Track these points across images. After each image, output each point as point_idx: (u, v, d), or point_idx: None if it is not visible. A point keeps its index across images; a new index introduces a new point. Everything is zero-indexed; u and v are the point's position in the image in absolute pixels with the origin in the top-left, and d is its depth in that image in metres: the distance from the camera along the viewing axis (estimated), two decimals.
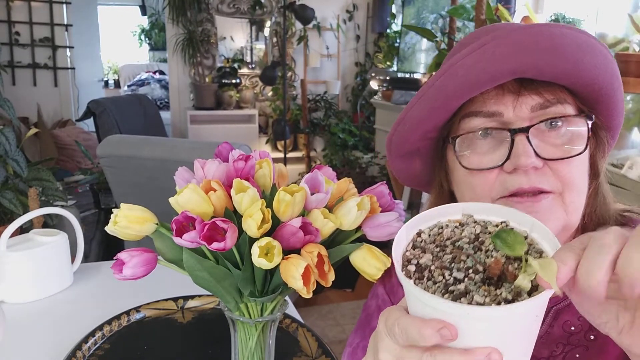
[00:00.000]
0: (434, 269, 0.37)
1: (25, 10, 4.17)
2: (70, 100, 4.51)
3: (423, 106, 0.56)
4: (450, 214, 0.42)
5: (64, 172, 3.39)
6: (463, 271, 0.37)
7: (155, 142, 1.83)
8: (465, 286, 0.35)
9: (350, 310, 2.72)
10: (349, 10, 4.72)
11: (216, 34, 4.51)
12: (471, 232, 0.40)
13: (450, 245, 0.39)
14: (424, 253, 0.39)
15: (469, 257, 0.38)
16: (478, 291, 0.35)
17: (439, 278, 0.37)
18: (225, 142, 0.65)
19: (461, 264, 0.37)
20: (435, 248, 0.39)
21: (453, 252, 0.38)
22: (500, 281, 0.36)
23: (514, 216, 0.41)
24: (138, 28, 8.33)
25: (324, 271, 0.55)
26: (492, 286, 0.36)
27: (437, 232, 0.41)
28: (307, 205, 0.56)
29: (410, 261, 0.39)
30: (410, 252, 0.40)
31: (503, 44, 0.50)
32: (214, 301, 1.03)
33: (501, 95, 0.54)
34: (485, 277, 0.36)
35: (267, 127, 4.72)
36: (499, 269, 0.36)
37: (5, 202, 1.69)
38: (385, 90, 3.80)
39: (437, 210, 0.42)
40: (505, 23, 0.59)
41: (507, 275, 0.36)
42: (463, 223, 0.42)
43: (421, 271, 0.38)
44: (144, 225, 0.58)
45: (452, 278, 0.36)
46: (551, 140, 0.54)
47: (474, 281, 0.36)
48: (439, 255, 0.39)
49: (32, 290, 1.07)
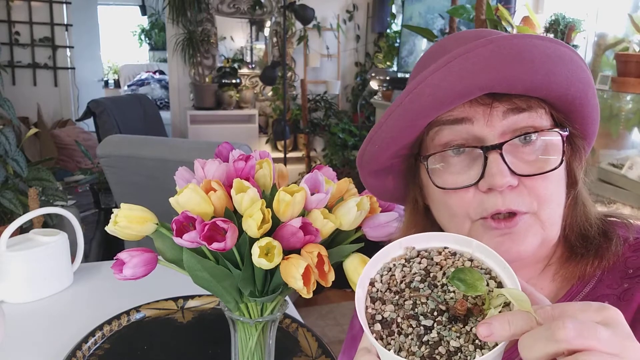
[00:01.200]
0: (401, 322, 0.37)
1: (25, 10, 4.17)
2: (70, 100, 4.51)
3: (392, 125, 0.54)
4: (392, 252, 0.42)
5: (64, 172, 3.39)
6: (429, 315, 0.37)
7: (155, 142, 1.83)
8: (438, 332, 0.36)
9: (350, 310, 2.71)
10: (349, 10, 4.71)
11: (216, 34, 4.51)
12: (420, 268, 0.40)
13: (405, 288, 0.39)
14: (384, 305, 0.39)
15: (429, 298, 0.38)
16: (451, 334, 0.35)
17: (408, 330, 0.37)
18: (226, 142, 0.65)
19: (424, 307, 0.38)
20: (394, 296, 0.39)
21: (412, 297, 0.38)
22: (467, 316, 0.37)
23: (453, 238, 0.41)
24: (138, 28, 8.33)
25: (324, 271, 0.55)
26: (460, 323, 0.36)
27: (388, 277, 0.40)
28: (307, 205, 0.56)
29: (375, 317, 0.38)
30: (371, 307, 0.39)
31: (470, 59, 0.48)
32: (214, 301, 1.03)
33: (469, 107, 0.52)
34: (451, 317, 0.37)
35: (267, 127, 4.72)
36: (464, 309, 0.36)
37: (5, 202, 1.69)
38: (385, 90, 3.80)
39: (379, 254, 0.42)
40: (471, 33, 0.57)
41: (472, 311, 0.37)
42: (407, 259, 0.41)
43: (389, 326, 0.37)
44: (144, 225, 0.58)
45: (421, 327, 0.37)
46: (525, 156, 0.52)
47: (443, 324, 0.36)
48: (399, 303, 0.38)
49: (32, 290, 1.07)
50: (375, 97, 4.15)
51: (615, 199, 1.55)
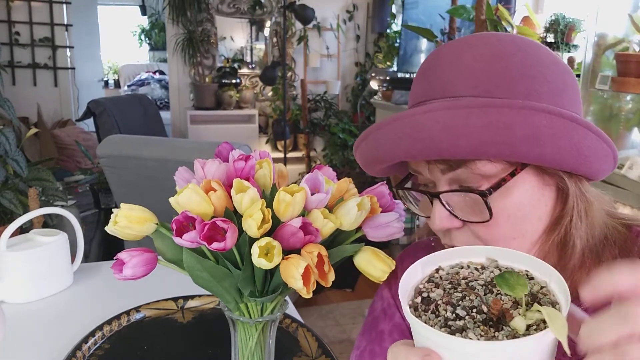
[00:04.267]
0: (441, 304, 0.38)
1: (25, 10, 4.17)
2: (70, 100, 4.51)
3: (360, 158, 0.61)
4: (474, 256, 0.43)
5: (64, 172, 3.39)
6: (467, 310, 0.37)
7: (155, 142, 1.84)
8: (465, 323, 0.36)
9: (350, 310, 2.72)
10: (349, 10, 4.71)
11: (216, 34, 4.51)
12: (488, 276, 0.41)
13: (464, 284, 0.40)
14: (437, 288, 0.40)
15: (477, 297, 0.38)
16: (475, 330, 0.35)
17: (442, 312, 0.37)
18: (225, 142, 0.65)
19: (468, 302, 0.38)
20: (448, 285, 0.40)
21: (464, 291, 0.39)
22: (501, 324, 0.36)
23: (536, 265, 0.40)
24: (138, 28, 8.32)
25: (324, 271, 0.55)
26: (492, 328, 0.36)
27: (455, 272, 0.42)
28: (307, 205, 0.56)
29: (421, 293, 0.40)
30: (423, 285, 0.41)
31: (383, 135, 0.53)
32: (214, 301, 1.03)
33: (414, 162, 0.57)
34: (487, 318, 0.36)
35: (267, 127, 4.72)
36: (497, 309, 0.36)
37: (5, 202, 1.69)
38: (385, 90, 3.80)
39: (461, 251, 0.43)
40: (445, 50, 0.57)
41: (506, 317, 0.36)
42: (485, 267, 0.42)
43: (428, 304, 0.38)
44: (144, 225, 0.58)
45: (454, 314, 0.37)
46: (465, 203, 0.54)
47: (475, 320, 0.36)
48: (449, 292, 0.39)
49: (32, 290, 1.07)
50: (375, 97, 4.14)
51: (616, 199, 1.55)
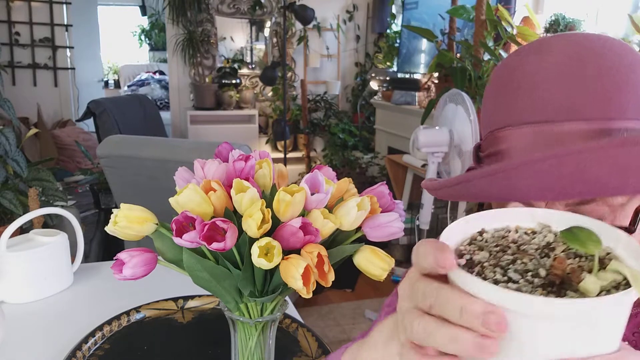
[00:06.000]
0: (487, 266, 0.32)
1: (25, 10, 4.17)
2: (70, 101, 4.51)
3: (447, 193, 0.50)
4: (522, 221, 0.37)
5: (64, 172, 3.39)
6: (520, 272, 0.31)
7: (155, 142, 1.83)
8: (518, 287, 0.30)
9: (350, 310, 2.72)
10: (349, 10, 4.72)
11: (216, 34, 4.51)
12: (542, 240, 0.35)
13: (514, 247, 0.34)
14: (480, 250, 0.34)
15: (532, 260, 0.32)
16: (533, 293, 0.29)
17: (489, 275, 0.31)
18: (225, 142, 0.65)
19: (521, 266, 0.32)
20: (495, 248, 0.34)
21: (515, 255, 0.33)
22: (564, 289, 0.30)
23: (600, 229, 0.33)
24: (138, 28, 8.32)
25: (324, 271, 0.55)
26: (552, 293, 0.29)
27: (502, 235, 0.36)
28: (307, 205, 0.56)
29: (463, 256, 0.34)
30: (464, 247, 0.35)
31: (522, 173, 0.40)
32: (214, 301, 1.03)
33: None
34: (546, 283, 0.30)
35: (267, 127, 4.72)
36: (562, 269, 0.30)
37: (5, 202, 1.69)
38: (385, 91, 3.81)
39: (507, 214, 0.37)
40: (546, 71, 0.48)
41: (572, 280, 0.30)
42: (536, 231, 0.36)
43: (471, 266, 0.33)
44: (144, 225, 0.58)
45: (505, 277, 0.31)
46: None
47: (531, 283, 0.30)
48: (497, 255, 0.33)
49: (32, 291, 1.07)
50: (375, 97, 4.15)
51: None
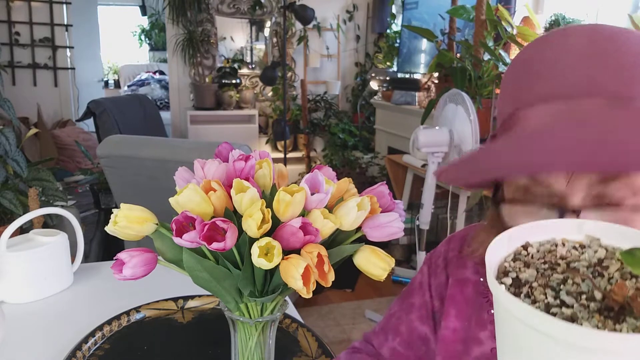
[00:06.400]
0: (536, 287, 0.30)
1: (25, 10, 4.17)
2: (70, 101, 4.51)
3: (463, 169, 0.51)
4: (568, 232, 0.35)
5: (64, 172, 3.39)
6: (574, 295, 0.29)
7: (155, 142, 1.83)
8: (573, 312, 0.27)
9: (350, 310, 2.72)
10: (349, 10, 4.72)
11: (216, 34, 4.51)
12: (593, 255, 0.33)
13: (563, 264, 0.32)
14: (527, 267, 0.32)
15: (585, 280, 0.30)
16: (590, 320, 0.27)
17: (540, 297, 0.29)
18: (225, 142, 0.65)
19: (573, 287, 0.29)
20: (542, 265, 0.32)
21: (565, 273, 0.31)
22: (623, 315, 0.27)
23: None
24: (138, 28, 8.32)
25: (324, 271, 0.55)
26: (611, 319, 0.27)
27: (548, 249, 0.34)
28: (307, 205, 0.56)
29: (508, 274, 0.32)
30: (509, 263, 0.33)
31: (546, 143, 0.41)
32: (214, 301, 1.03)
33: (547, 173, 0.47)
34: (602, 307, 0.28)
35: (267, 127, 4.72)
36: (623, 295, 0.28)
37: (5, 202, 1.69)
38: (385, 91, 3.80)
39: (551, 224, 0.35)
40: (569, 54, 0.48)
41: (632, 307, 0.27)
42: (584, 245, 0.34)
43: (519, 286, 0.30)
44: (144, 225, 0.58)
45: (557, 300, 0.28)
46: (608, 218, 0.46)
47: (587, 308, 0.28)
48: (545, 273, 0.31)
49: (32, 291, 1.07)
50: (375, 97, 4.15)
51: None
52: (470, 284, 0.66)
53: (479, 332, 0.63)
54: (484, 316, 0.63)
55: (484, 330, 0.63)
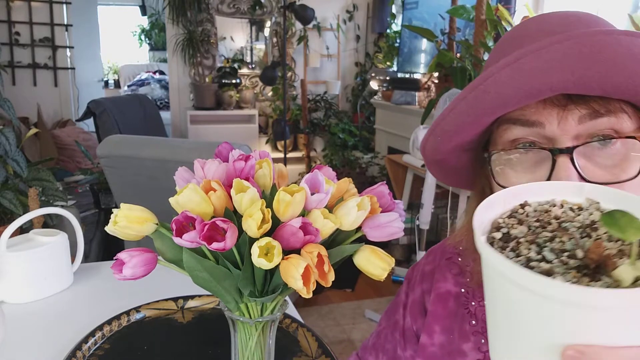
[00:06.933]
0: (523, 242, 0.31)
1: (25, 10, 4.17)
2: (70, 100, 4.51)
3: (454, 119, 0.52)
4: (569, 195, 0.36)
5: (64, 172, 3.39)
6: (556, 251, 0.30)
7: (155, 142, 1.83)
8: (551, 267, 0.29)
9: (350, 311, 2.72)
10: (349, 10, 4.72)
11: (216, 34, 4.51)
12: (586, 218, 0.34)
13: (555, 224, 0.33)
14: (519, 224, 0.33)
15: (571, 239, 0.31)
16: (565, 275, 0.28)
17: (523, 252, 0.31)
18: (225, 142, 0.65)
19: (558, 245, 0.31)
20: (535, 223, 0.33)
21: (554, 232, 0.32)
22: (598, 273, 0.29)
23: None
24: (138, 28, 8.33)
25: (324, 271, 0.55)
26: (586, 276, 0.28)
27: (544, 209, 0.35)
28: (307, 205, 0.56)
29: (500, 229, 0.33)
30: (503, 220, 0.34)
31: (542, 56, 0.44)
32: (214, 301, 1.03)
33: (542, 108, 0.48)
34: (581, 265, 0.29)
35: (267, 127, 4.72)
36: (598, 253, 0.29)
37: (5, 202, 1.69)
38: (385, 91, 3.80)
39: (554, 186, 0.36)
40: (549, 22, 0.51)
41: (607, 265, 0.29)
42: (582, 207, 0.35)
43: (507, 241, 0.32)
44: (144, 225, 0.58)
45: (540, 256, 0.30)
46: (601, 160, 0.48)
47: (564, 264, 0.29)
48: (536, 231, 0.32)
49: (32, 291, 1.07)
50: (375, 97, 4.15)
51: None
52: (451, 297, 0.66)
53: (462, 344, 0.63)
54: (466, 327, 0.64)
55: (467, 342, 0.63)
